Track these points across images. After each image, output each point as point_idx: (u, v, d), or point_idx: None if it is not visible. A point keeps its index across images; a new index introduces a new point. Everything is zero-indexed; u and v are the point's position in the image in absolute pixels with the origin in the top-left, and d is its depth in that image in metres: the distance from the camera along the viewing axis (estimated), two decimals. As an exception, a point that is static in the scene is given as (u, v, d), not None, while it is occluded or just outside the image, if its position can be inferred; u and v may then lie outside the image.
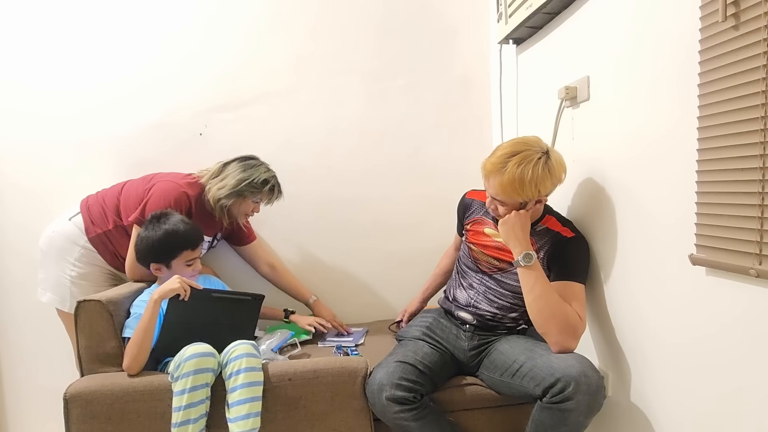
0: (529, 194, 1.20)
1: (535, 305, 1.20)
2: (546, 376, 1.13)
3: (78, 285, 1.59)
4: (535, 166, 1.18)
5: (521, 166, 1.18)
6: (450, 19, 1.96)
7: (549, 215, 1.36)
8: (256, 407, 1.21)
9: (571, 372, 1.09)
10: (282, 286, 1.85)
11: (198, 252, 1.48)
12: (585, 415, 1.10)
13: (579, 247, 1.30)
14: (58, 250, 1.59)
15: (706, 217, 0.91)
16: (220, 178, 1.57)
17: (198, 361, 1.19)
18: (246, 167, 1.59)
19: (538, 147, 1.22)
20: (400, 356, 1.29)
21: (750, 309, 0.85)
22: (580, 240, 1.31)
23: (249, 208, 1.62)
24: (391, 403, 1.19)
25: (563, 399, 1.08)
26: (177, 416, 1.18)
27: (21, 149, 1.83)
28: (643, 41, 1.09)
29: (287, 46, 1.91)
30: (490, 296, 1.39)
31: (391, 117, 1.97)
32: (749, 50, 0.80)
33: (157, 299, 1.30)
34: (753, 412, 0.86)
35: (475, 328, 1.41)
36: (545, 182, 1.20)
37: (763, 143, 0.78)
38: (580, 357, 1.15)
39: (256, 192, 1.58)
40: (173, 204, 1.51)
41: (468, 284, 1.45)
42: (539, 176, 1.19)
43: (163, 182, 1.56)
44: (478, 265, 1.43)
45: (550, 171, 1.21)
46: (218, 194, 1.55)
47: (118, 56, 1.84)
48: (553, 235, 1.31)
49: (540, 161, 1.19)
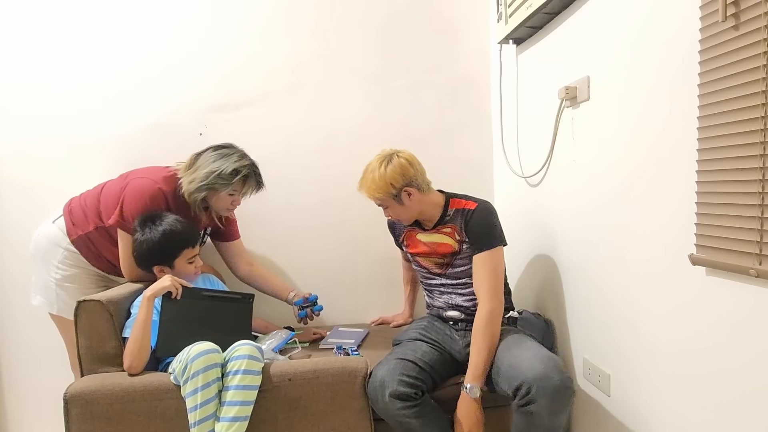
0: (386, 189, 1.41)
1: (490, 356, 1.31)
2: (515, 377, 1.16)
3: (63, 287, 1.57)
4: (378, 168, 1.42)
5: (372, 173, 1.43)
6: (450, 19, 1.96)
7: (452, 199, 1.50)
8: (245, 411, 1.20)
9: (533, 374, 1.11)
10: (260, 285, 1.78)
11: (198, 249, 1.48)
12: (549, 417, 1.11)
13: (484, 214, 1.43)
14: (44, 253, 1.57)
15: (706, 217, 0.91)
16: (192, 171, 1.50)
17: (205, 359, 1.19)
18: (217, 157, 1.50)
19: (385, 154, 1.45)
20: (400, 354, 1.31)
21: (750, 309, 0.85)
22: (483, 208, 1.44)
23: (227, 201, 1.53)
24: (393, 399, 1.20)
25: (528, 402, 1.11)
26: (194, 416, 1.18)
27: (20, 149, 1.83)
28: (643, 41, 1.09)
29: (288, 46, 1.91)
30: (458, 290, 1.49)
31: (392, 117, 1.97)
32: (749, 50, 0.80)
33: (150, 296, 1.30)
34: (753, 411, 0.86)
35: (466, 324, 1.45)
36: (394, 176, 1.40)
37: (763, 143, 0.78)
38: (548, 357, 1.16)
39: (226, 184, 1.48)
40: (149, 202, 1.46)
41: (437, 290, 1.55)
42: (384, 174, 1.40)
43: (137, 180, 1.50)
44: (430, 271, 1.54)
45: (394, 167, 1.41)
46: (189, 188, 1.48)
47: (118, 56, 1.84)
48: (461, 212, 1.46)
49: (383, 162, 1.42)
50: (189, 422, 1.19)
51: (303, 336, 1.72)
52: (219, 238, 1.77)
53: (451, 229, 1.47)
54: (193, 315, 1.36)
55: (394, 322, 1.90)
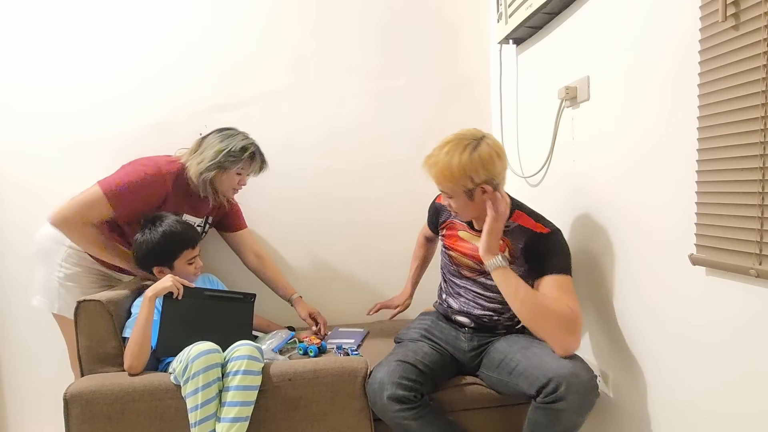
0: (462, 181, 1.20)
1: (525, 311, 1.17)
2: (539, 375, 1.13)
3: (65, 287, 1.57)
4: (462, 153, 1.19)
5: (449, 155, 1.20)
6: (450, 19, 1.96)
7: (518, 210, 1.32)
8: (246, 412, 1.21)
9: (563, 372, 1.09)
10: (267, 279, 1.80)
11: (197, 250, 1.48)
12: (578, 415, 1.11)
13: (558, 242, 1.27)
14: (47, 252, 1.57)
15: (706, 217, 0.91)
16: (199, 153, 1.53)
17: (206, 359, 1.20)
18: (223, 137, 1.55)
19: (471, 136, 1.22)
20: (401, 356, 1.29)
21: (750, 309, 0.85)
22: (557, 234, 1.28)
23: (234, 180, 1.57)
24: (392, 402, 1.19)
25: (555, 399, 1.09)
26: (194, 416, 1.18)
27: (20, 148, 1.83)
28: (643, 41, 1.09)
29: (287, 45, 1.90)
30: (480, 301, 1.38)
31: (391, 117, 1.97)
32: (749, 50, 0.80)
33: (151, 296, 1.31)
34: (753, 411, 0.86)
35: (473, 330, 1.40)
36: (476, 168, 1.18)
37: (763, 143, 0.78)
38: (574, 356, 1.15)
39: (235, 161, 1.52)
40: (146, 178, 1.46)
41: (456, 292, 1.44)
42: (466, 162, 1.18)
43: (139, 158, 1.54)
44: (460, 271, 1.41)
45: (480, 157, 1.18)
46: (199, 168, 1.50)
47: (118, 55, 1.84)
48: (527, 232, 1.28)
49: (468, 147, 1.19)
50: (189, 422, 1.19)
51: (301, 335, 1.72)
52: (225, 229, 1.80)
53: (503, 243, 1.28)
54: (194, 315, 1.36)
55: (393, 305, 1.77)
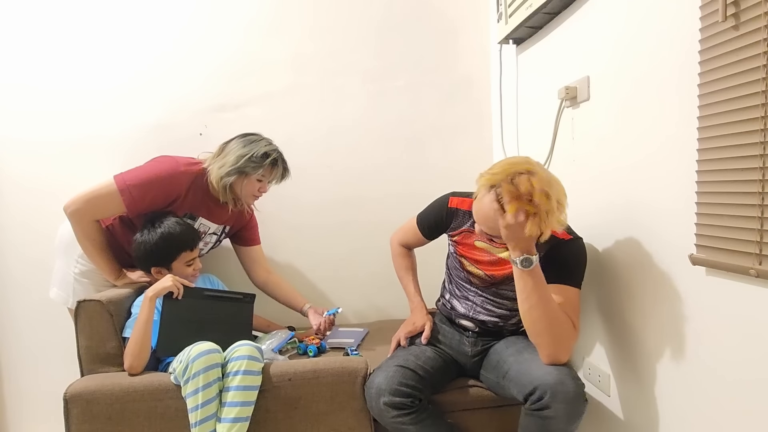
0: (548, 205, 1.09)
1: (530, 315, 1.15)
2: (526, 383, 1.13)
3: (80, 282, 1.58)
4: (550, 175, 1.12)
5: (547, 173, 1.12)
6: (450, 18, 1.96)
7: None
8: (246, 412, 1.21)
9: (548, 380, 1.09)
10: (277, 294, 1.78)
11: (196, 252, 1.48)
12: (566, 423, 1.09)
13: (577, 251, 1.24)
14: (66, 246, 1.59)
15: (706, 217, 0.91)
16: (221, 157, 1.53)
17: (206, 359, 1.20)
18: (246, 143, 1.54)
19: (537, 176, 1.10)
20: (401, 360, 1.27)
21: (750, 309, 0.85)
22: (578, 243, 1.25)
23: (254, 187, 1.56)
24: (388, 408, 1.19)
25: (541, 407, 1.09)
26: (195, 416, 1.18)
27: (22, 149, 1.83)
28: (644, 41, 1.09)
29: (287, 46, 1.91)
30: (488, 306, 1.37)
31: (391, 117, 1.97)
32: (749, 50, 0.80)
33: (151, 296, 1.31)
34: (753, 411, 0.86)
35: (477, 334, 1.39)
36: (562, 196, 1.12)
37: (763, 143, 0.78)
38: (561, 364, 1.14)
39: (257, 167, 1.51)
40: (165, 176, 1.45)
41: (463, 296, 1.41)
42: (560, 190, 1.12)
43: (163, 156, 1.54)
44: (470, 278, 1.38)
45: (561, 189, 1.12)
46: (219, 173, 1.50)
47: (118, 56, 1.84)
48: (552, 240, 1.20)
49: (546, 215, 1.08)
50: (190, 422, 1.19)
51: (302, 335, 1.72)
52: (240, 242, 1.78)
53: None
54: (194, 315, 1.36)
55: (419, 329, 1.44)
